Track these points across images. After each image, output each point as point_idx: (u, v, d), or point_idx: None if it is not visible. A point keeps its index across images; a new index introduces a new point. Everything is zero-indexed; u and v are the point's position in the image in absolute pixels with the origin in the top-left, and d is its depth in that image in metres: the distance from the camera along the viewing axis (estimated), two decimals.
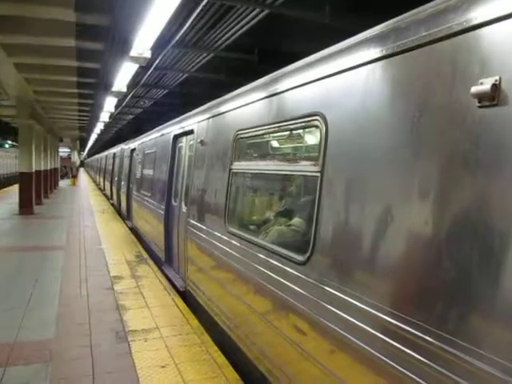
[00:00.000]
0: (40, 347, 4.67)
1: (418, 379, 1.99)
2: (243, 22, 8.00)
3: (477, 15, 1.91)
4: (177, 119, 8.70)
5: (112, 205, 20.15)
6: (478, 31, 1.91)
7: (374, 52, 2.55)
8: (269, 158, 4.55)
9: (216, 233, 5.00)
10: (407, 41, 2.30)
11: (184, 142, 7.54)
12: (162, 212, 8.06)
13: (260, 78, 4.51)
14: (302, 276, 3.00)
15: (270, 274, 3.50)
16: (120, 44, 7.71)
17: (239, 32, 8.49)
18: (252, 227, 4.64)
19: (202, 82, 13.62)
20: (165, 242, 7.87)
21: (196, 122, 6.69)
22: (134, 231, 12.18)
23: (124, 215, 14.82)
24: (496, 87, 1.78)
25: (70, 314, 5.72)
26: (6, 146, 45.86)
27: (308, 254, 2.96)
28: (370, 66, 2.59)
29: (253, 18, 7.79)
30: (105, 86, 11.97)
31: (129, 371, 4.18)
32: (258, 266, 3.76)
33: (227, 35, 8.79)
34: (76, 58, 9.97)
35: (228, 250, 4.56)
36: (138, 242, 11.00)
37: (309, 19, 7.79)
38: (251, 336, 3.98)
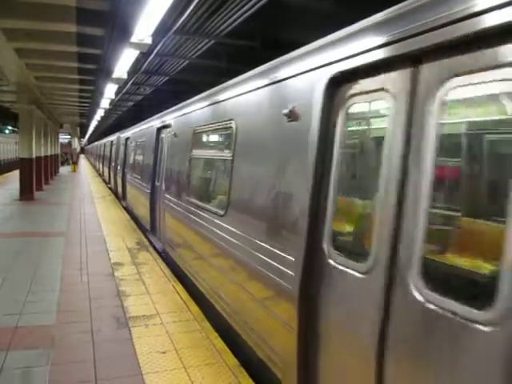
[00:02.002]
0: (41, 332, 4.71)
1: (274, 276, 3.41)
2: (245, 8, 7.94)
3: (283, 75, 3.70)
4: (160, 114, 10.40)
5: (110, 189, 21.09)
6: (282, 83, 3.69)
7: (250, 86, 4.42)
8: (210, 148, 6.34)
9: (181, 202, 6.86)
10: (263, 84, 4.10)
11: (164, 134, 9.05)
12: (148, 191, 9.78)
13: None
14: (222, 223, 4.73)
15: (206, 224, 5.31)
16: (121, 30, 7.65)
17: (241, 18, 8.43)
18: (200, 196, 6.21)
19: (202, 68, 13.55)
20: (150, 215, 9.60)
21: (172, 117, 8.33)
22: (131, 214, 13.16)
23: (120, 196, 16.35)
24: (292, 111, 3.34)
25: (71, 300, 5.76)
26: (7, 131, 45.79)
27: (224, 210, 4.71)
28: (252, 92, 4.35)
29: (254, 4, 7.73)
30: (105, 73, 11.91)
31: (129, 357, 4.22)
32: (202, 221, 5.53)
33: (229, 21, 8.73)
34: (77, 44, 9.91)
35: (187, 213, 6.35)
36: (138, 228, 11.04)
37: (312, 6, 7.72)
38: (196, 265, 5.96)
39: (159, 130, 9.49)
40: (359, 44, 2.69)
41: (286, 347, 3.20)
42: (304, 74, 3.32)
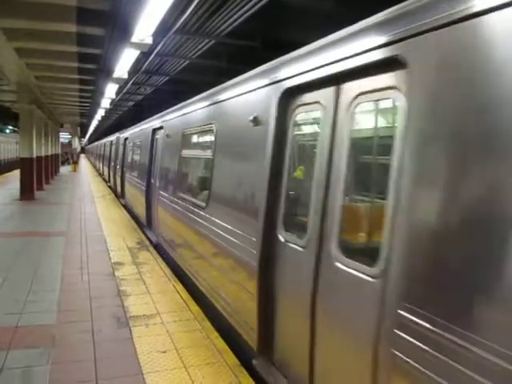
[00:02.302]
0: (42, 332, 4.72)
1: (242, 254, 4.18)
2: (245, 8, 7.93)
3: (250, 88, 4.48)
4: (155, 116, 11.12)
5: (110, 187, 21.72)
6: (249, 94, 4.46)
7: (227, 95, 5.24)
8: (196, 148, 7.12)
9: (172, 197, 7.61)
10: (236, 94, 4.90)
11: (159, 135, 9.74)
12: (144, 188, 10.47)
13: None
14: (205, 214, 5.52)
15: (192, 215, 6.13)
16: (121, 30, 7.65)
17: (241, 18, 8.42)
18: (187, 191, 7.00)
19: (203, 68, 13.54)
20: (146, 211, 10.22)
21: (165, 120, 9.15)
22: (130, 212, 13.58)
23: (119, 195, 16.89)
24: (255, 117, 4.09)
25: (72, 299, 5.77)
26: (7, 131, 45.80)
27: (206, 203, 5.50)
28: (228, 100, 5.18)
29: (255, 4, 7.72)
30: (106, 72, 11.91)
31: (130, 356, 4.23)
32: (189, 212, 6.33)
33: (229, 21, 8.72)
34: (77, 44, 9.91)
35: (177, 207, 7.16)
36: (138, 227, 11.05)
37: (312, 6, 7.72)
38: (183, 252, 6.80)
39: (154, 131, 10.29)
40: (302, 65, 3.44)
41: (250, 311, 3.95)
42: (264, 87, 4.06)
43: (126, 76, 12.00)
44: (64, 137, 49.89)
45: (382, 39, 2.52)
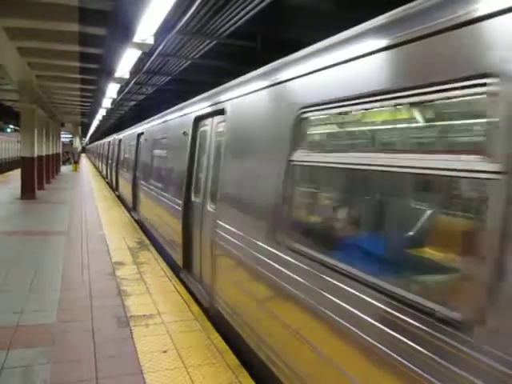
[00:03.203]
0: (42, 331, 4.72)
1: (176, 212, 7.13)
2: (247, 8, 7.95)
3: (183, 113, 7.75)
4: (141, 123, 13.86)
5: (108, 183, 23.71)
6: (182, 117, 7.66)
7: (173, 116, 8.62)
8: (159, 149, 9.75)
9: (146, 184, 10.65)
10: (178, 116, 8.12)
11: (141, 139, 12.47)
12: (131, 179, 13.27)
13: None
14: (161, 192, 8.51)
15: (156, 195, 9.17)
16: (123, 30, 7.67)
17: (243, 19, 8.44)
18: (156, 180, 9.73)
19: (204, 69, 13.56)
20: (132, 197, 13.14)
21: (145, 127, 12.21)
22: (122, 201, 16.33)
23: (114, 188, 19.75)
24: (185, 131, 7.08)
25: (72, 298, 5.77)
26: (8, 130, 45.83)
27: (163, 185, 8.60)
28: (173, 120, 8.36)
29: (257, 5, 7.74)
30: (107, 72, 11.93)
31: (130, 356, 4.23)
32: (155, 193, 9.26)
33: (231, 22, 8.74)
34: (79, 43, 9.93)
35: (149, 191, 10.08)
36: (140, 228, 11.06)
37: (313, 7, 7.73)
38: (150, 219, 9.97)
39: (138, 135, 12.91)
40: (201, 105, 6.41)
41: (178, 242, 6.85)
42: (188, 114, 7.07)
43: (127, 76, 12.02)
44: (65, 136, 49.95)
45: (217, 106, 5.56)
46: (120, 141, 18.43)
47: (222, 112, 5.24)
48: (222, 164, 4.97)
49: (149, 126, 11.39)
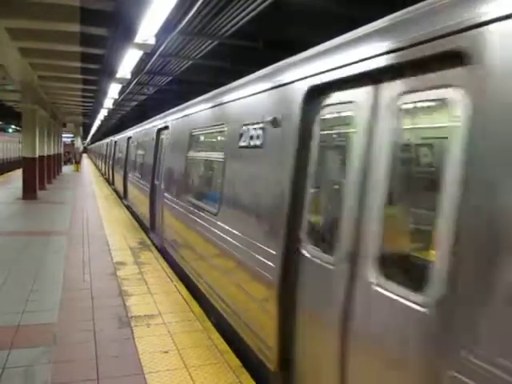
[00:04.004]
0: (43, 331, 4.73)
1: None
2: (249, 8, 7.94)
3: (148, 126, 12.03)
4: (131, 128, 17.27)
5: (106, 180, 26.20)
6: (148, 127, 11.91)
7: (140, 129, 13.63)
8: (140, 150, 12.49)
9: (131, 176, 13.79)
10: (145, 128, 12.59)
11: (130, 141, 15.39)
12: (122, 174, 16.31)
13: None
14: (140, 180, 11.94)
15: (139, 184, 11.95)
16: (124, 30, 7.68)
17: (245, 19, 8.43)
18: (137, 172, 12.79)
19: (206, 69, 13.56)
20: (123, 188, 16.04)
21: (132, 133, 15.34)
22: (117, 194, 18.80)
23: (110, 182, 23.10)
24: (152, 137, 10.75)
25: (73, 298, 5.77)
26: (10, 130, 45.88)
27: (141, 174, 12.28)
28: (141, 131, 13.12)
29: (259, 5, 7.73)
30: (109, 73, 11.94)
31: (131, 356, 4.23)
32: (137, 183, 12.17)
33: (232, 22, 8.73)
34: (80, 44, 9.94)
35: (134, 182, 12.73)
36: (140, 227, 11.07)
37: (315, 7, 7.72)
38: (134, 202, 13.24)
39: (128, 138, 15.87)
40: (161, 121, 9.75)
41: (147, 212, 10.16)
42: (155, 126, 10.00)
43: (129, 76, 12.03)
44: (66, 136, 49.99)
45: (166, 123, 9.14)
46: (115, 142, 21.89)
47: (167, 127, 8.86)
48: (165, 158, 8.68)
49: (134, 132, 14.82)
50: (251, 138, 4.10)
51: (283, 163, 3.43)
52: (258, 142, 3.97)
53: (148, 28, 7.16)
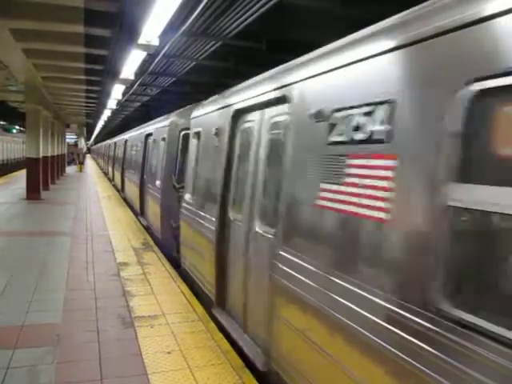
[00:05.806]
0: (47, 331, 4.74)
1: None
2: (253, 9, 7.93)
3: (121, 138, 21.67)
4: (129, 131, 20.36)
5: (109, 179, 27.65)
6: (136, 134, 15.96)
7: (131, 134, 18.67)
8: (132, 151, 16.31)
9: (126, 172, 17.33)
10: (134, 133, 17.06)
11: (127, 144, 18.09)
12: (120, 171, 19.18)
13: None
14: (127, 173, 17.55)
15: (131, 178, 15.37)
16: (128, 31, 7.69)
17: (249, 20, 8.42)
18: (130, 169, 16.37)
19: (209, 70, 13.55)
20: (121, 183, 18.92)
21: (127, 136, 18.73)
22: (116, 188, 21.71)
23: (111, 179, 25.93)
24: (141, 142, 14.13)
25: (77, 299, 5.79)
26: (14, 131, 46.02)
27: (127, 168, 17.51)
28: (132, 136, 17.51)
29: (262, 6, 7.72)
30: (112, 73, 11.96)
31: (135, 356, 4.24)
32: (130, 178, 15.84)
33: (236, 23, 8.72)
34: (84, 45, 9.97)
35: (127, 177, 16.86)
36: (145, 229, 11.09)
37: (319, 8, 7.71)
38: (127, 192, 16.91)
39: (125, 141, 18.59)
40: (148, 128, 12.57)
41: (136, 201, 12.93)
42: (145, 131, 12.77)
43: (132, 77, 12.04)
44: (70, 137, 50.12)
45: (149, 131, 12.38)
46: (115, 143, 24.93)
47: (151, 134, 11.52)
48: (150, 157, 11.39)
49: (130, 135, 17.91)
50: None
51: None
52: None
53: (152, 29, 7.16)
